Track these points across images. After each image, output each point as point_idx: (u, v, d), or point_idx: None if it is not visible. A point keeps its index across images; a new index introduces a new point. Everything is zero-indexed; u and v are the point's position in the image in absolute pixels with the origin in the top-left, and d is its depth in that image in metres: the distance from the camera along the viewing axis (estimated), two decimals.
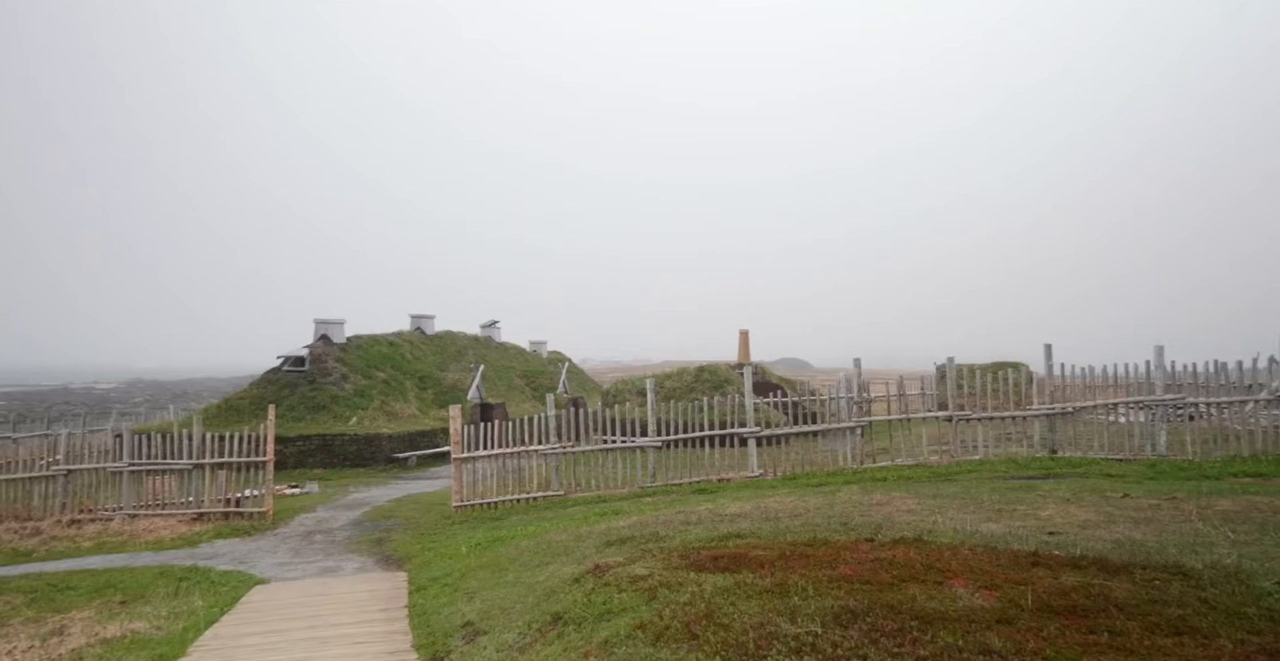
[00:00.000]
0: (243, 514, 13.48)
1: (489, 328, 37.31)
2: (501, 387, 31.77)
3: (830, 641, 3.92)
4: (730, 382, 22.78)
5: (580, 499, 12.78)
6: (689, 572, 5.63)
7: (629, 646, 4.37)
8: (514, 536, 9.93)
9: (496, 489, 13.28)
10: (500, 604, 6.56)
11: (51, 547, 12.26)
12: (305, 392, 24.41)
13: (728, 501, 10.08)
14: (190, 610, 7.75)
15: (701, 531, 7.64)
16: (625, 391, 24.01)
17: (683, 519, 8.63)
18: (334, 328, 26.74)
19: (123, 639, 6.74)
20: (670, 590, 5.18)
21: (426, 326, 32.48)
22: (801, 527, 7.25)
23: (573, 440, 13.47)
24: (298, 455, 21.15)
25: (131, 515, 13.59)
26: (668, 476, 13.27)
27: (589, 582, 5.98)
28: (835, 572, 5.21)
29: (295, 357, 25.57)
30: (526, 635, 5.42)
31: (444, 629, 6.42)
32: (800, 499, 9.44)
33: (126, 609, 7.99)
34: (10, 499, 14.28)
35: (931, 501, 8.43)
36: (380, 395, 25.24)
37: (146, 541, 12.27)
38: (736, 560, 5.81)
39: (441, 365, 30.18)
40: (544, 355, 39.97)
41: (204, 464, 13.71)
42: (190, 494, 13.79)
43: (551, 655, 4.77)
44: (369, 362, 26.58)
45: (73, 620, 7.65)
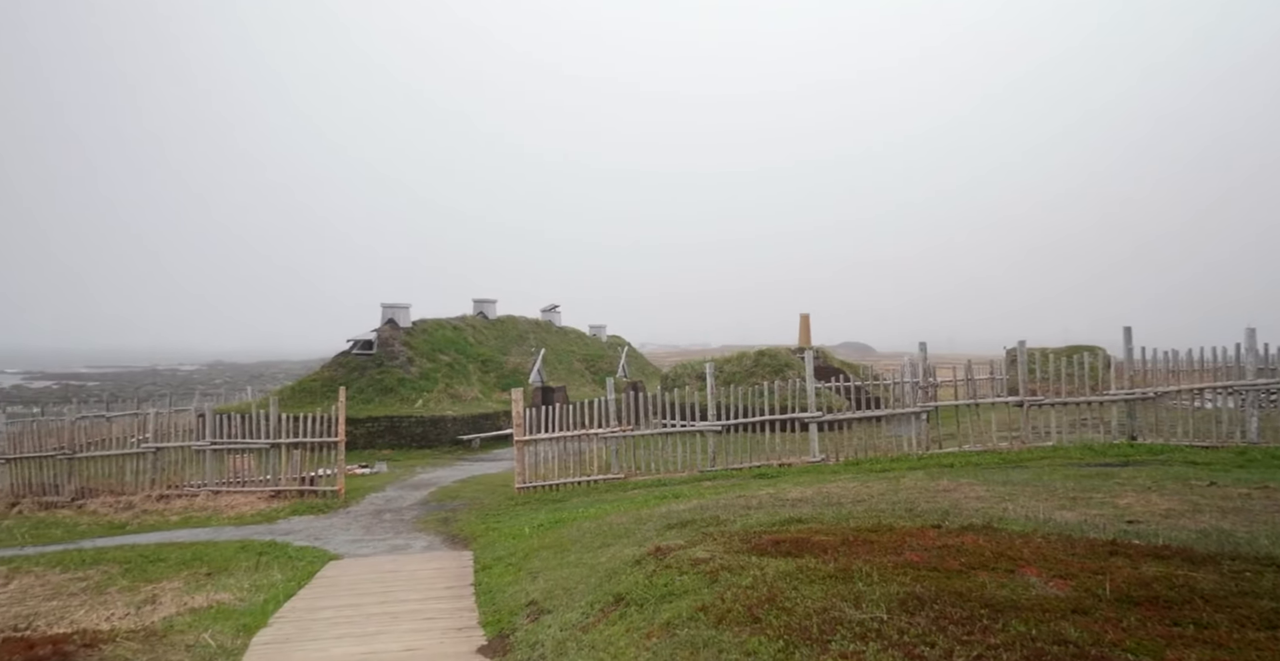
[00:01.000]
0: (316, 492, 13.98)
1: (549, 312, 37.69)
2: (562, 371, 32.12)
3: (896, 627, 3.85)
4: (791, 367, 22.52)
5: (640, 482, 12.85)
6: (750, 556, 5.60)
7: (691, 628, 4.37)
8: (575, 518, 10.05)
9: (558, 471, 13.45)
10: (563, 584, 6.65)
11: (143, 521, 12.95)
12: (373, 375, 25.13)
13: (789, 486, 9.99)
14: (270, 583, 8.08)
15: (763, 515, 7.59)
16: (684, 375, 23.99)
17: (743, 503, 8.59)
18: (400, 312, 27.38)
19: (209, 608, 7.07)
20: (732, 573, 5.16)
21: (488, 311, 33.00)
22: (865, 513, 7.13)
23: (632, 424, 13.53)
24: (367, 436, 21.81)
25: (215, 491, 14.24)
26: (727, 460, 13.22)
27: (650, 565, 6.01)
28: (900, 559, 5.10)
29: (364, 341, 26.31)
30: (589, 615, 5.48)
31: (509, 607, 6.55)
32: (863, 484, 9.29)
33: (212, 580, 8.39)
34: (105, 474, 15.12)
35: (1001, 488, 8.19)
36: (444, 378, 25.80)
37: (229, 517, 12.84)
38: (799, 545, 5.75)
39: (503, 349, 30.67)
40: (603, 339, 40.22)
41: (280, 443, 14.26)
42: (268, 472, 14.37)
43: (614, 635, 4.82)
44: (434, 346, 27.18)
45: (163, 590, 8.06)
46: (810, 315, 29.13)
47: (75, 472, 15.02)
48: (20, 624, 6.76)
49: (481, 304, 33.03)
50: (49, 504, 14.58)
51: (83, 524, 13.02)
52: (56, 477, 15.11)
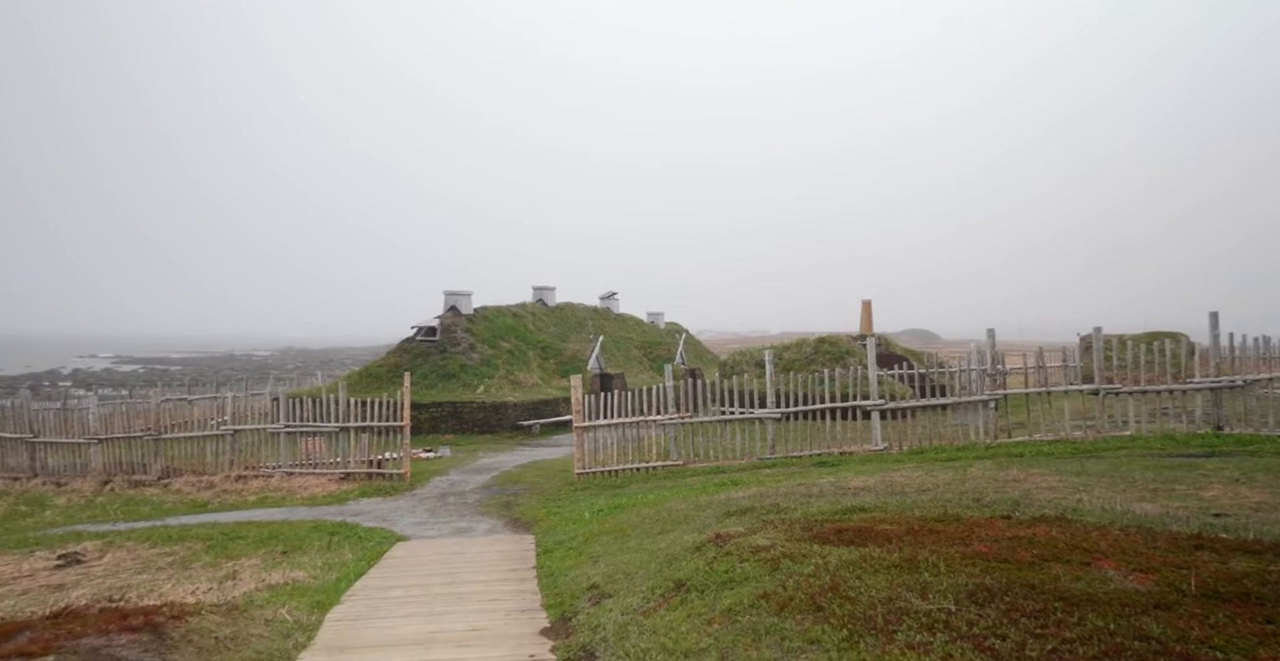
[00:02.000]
0: (384, 475, 14.40)
1: (608, 299, 37.87)
2: (620, 358, 32.27)
3: (965, 619, 3.75)
4: (852, 354, 22.14)
5: (698, 469, 12.84)
6: (812, 545, 5.54)
7: (752, 615, 4.36)
8: (635, 504, 10.10)
9: (617, 457, 13.54)
10: (623, 568, 6.70)
11: (223, 500, 13.56)
12: (437, 361, 25.69)
13: (850, 474, 9.84)
14: (341, 562, 8.36)
15: (824, 504, 7.50)
16: (743, 362, 23.82)
17: (804, 491, 8.50)
18: (462, 299, 27.88)
19: (285, 586, 7.35)
20: (793, 561, 5.12)
21: (548, 298, 33.34)
22: (930, 503, 6.98)
23: (690, 411, 13.51)
24: (431, 421, 22.34)
25: (288, 473, 14.80)
26: (787, 448, 13.10)
27: (710, 551, 6.00)
28: (968, 549, 4.98)
29: (427, 328, 26.90)
30: (650, 600, 5.51)
31: (571, 590, 6.64)
32: (928, 473, 9.09)
33: (287, 558, 8.72)
34: (188, 455, 15.86)
35: (1075, 478, 7.91)
36: (505, 364, 26.21)
37: (301, 497, 13.34)
38: (862, 533, 5.67)
39: (562, 336, 30.97)
40: (661, 326, 40.23)
41: (349, 427, 14.71)
42: (337, 454, 14.85)
43: (675, 620, 4.83)
44: (495, 333, 27.61)
45: (243, 566, 8.42)
46: (872, 301, 28.57)
47: (161, 453, 15.79)
48: (114, 595, 7.15)
49: (541, 291, 33.38)
50: (137, 482, 15.36)
51: (168, 502, 13.70)
52: (144, 457, 15.91)
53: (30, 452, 16.53)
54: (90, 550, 9.53)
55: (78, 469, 16.14)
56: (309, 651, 5.60)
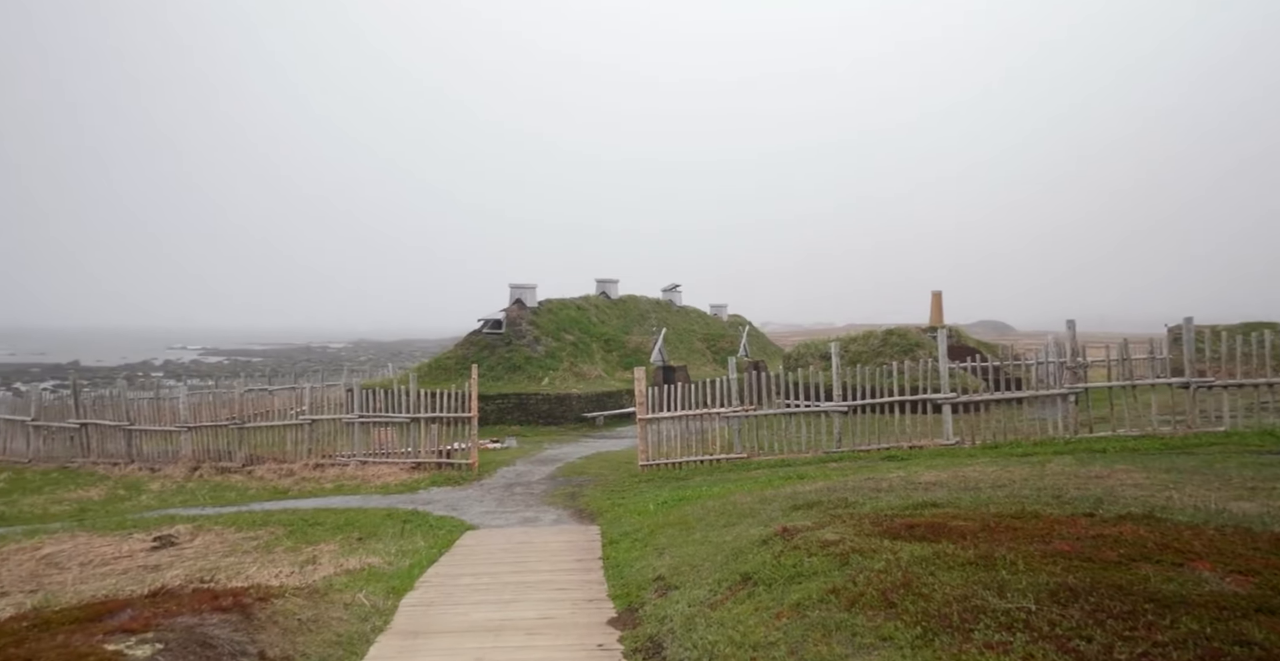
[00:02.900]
0: (453, 464, 14.74)
1: (670, 291, 37.84)
2: (683, 351, 32.24)
3: (1046, 619, 3.62)
4: (921, 346, 21.59)
5: (763, 462, 12.74)
6: (882, 540, 5.44)
7: (822, 610, 4.30)
8: (699, 496, 10.09)
9: (680, 449, 13.54)
10: (689, 560, 6.70)
11: (302, 487, 14.10)
12: (503, 353, 26.13)
13: (921, 469, 9.61)
14: (414, 549, 8.59)
15: (894, 499, 7.34)
16: (808, 355, 23.49)
17: (872, 485, 8.35)
18: (527, 292, 28.26)
19: (362, 571, 7.60)
20: (863, 556, 5.03)
21: (611, 291, 33.51)
22: (1006, 499, 6.76)
23: (755, 403, 13.40)
24: (497, 412, 22.76)
25: (362, 461, 15.28)
26: (854, 442, 12.88)
27: (777, 545, 5.95)
28: (1048, 547, 4.80)
29: (493, 320, 27.38)
30: (717, 592, 5.50)
31: (637, 581, 6.68)
32: (1004, 469, 8.80)
33: (363, 545, 9.00)
34: (269, 443, 16.54)
35: (1164, 475, 7.54)
36: (569, 357, 26.48)
37: (375, 486, 13.76)
38: (934, 529, 5.53)
39: (625, 328, 31.09)
40: (724, 319, 40.00)
41: (419, 418, 15.10)
42: (408, 444, 15.27)
43: (743, 614, 4.81)
44: (559, 325, 27.92)
45: (322, 551, 8.73)
46: (943, 292, 27.79)
47: (245, 441, 16.51)
48: (205, 576, 7.53)
49: (604, 284, 33.57)
50: (223, 468, 16.11)
51: (252, 488, 14.32)
52: (229, 445, 16.66)
53: (127, 439, 17.49)
54: (182, 533, 10.04)
55: (169, 455, 17.00)
56: (386, 635, 5.78)
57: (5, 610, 6.87)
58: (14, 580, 8.25)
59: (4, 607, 7.03)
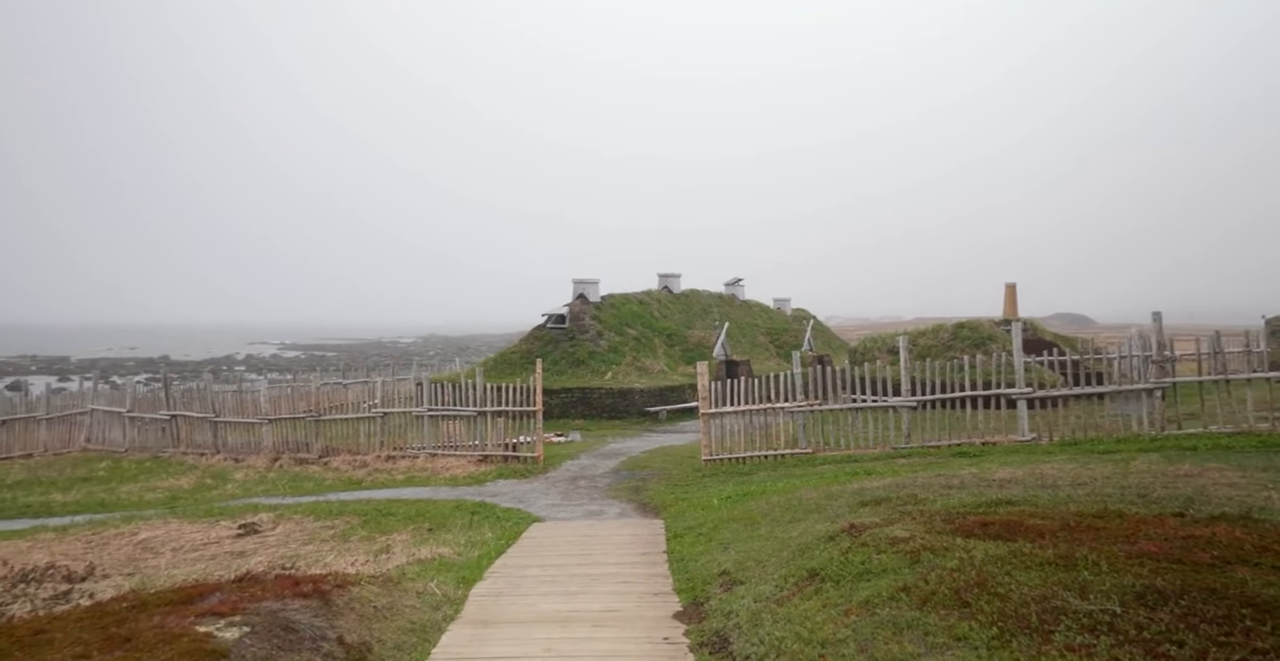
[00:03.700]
0: (518, 457, 14.98)
1: (733, 285, 37.59)
2: (745, 345, 32.01)
3: (1133, 622, 3.47)
4: (994, 340, 20.91)
5: (829, 457, 12.55)
6: (955, 537, 5.30)
7: (892, 608, 4.22)
8: (763, 491, 10.01)
9: (744, 444, 13.45)
10: (754, 556, 6.66)
11: (375, 478, 14.54)
12: (566, 348, 26.41)
13: (994, 466, 9.32)
14: (482, 540, 8.77)
15: (966, 496, 7.15)
16: (874, 349, 23.03)
17: (943, 482, 8.14)
18: (590, 287, 28.47)
19: (433, 560, 7.81)
20: (935, 554, 4.91)
21: (673, 285, 33.48)
22: (1087, 497, 6.49)
23: (819, 398, 13.21)
24: (561, 406, 23.02)
25: (432, 454, 15.67)
26: (923, 437, 12.57)
27: (844, 541, 5.86)
28: (1134, 548, 4.60)
29: (557, 315, 27.68)
30: (783, 588, 5.45)
31: (702, 576, 6.67)
32: (1083, 466, 8.46)
33: (433, 535, 9.24)
34: (344, 435, 17.11)
35: (1262, 474, 7.13)
36: (632, 351, 26.59)
37: (444, 478, 14.09)
38: (1010, 528, 5.36)
39: (687, 322, 31.04)
40: (788, 313, 39.54)
41: (485, 411, 15.39)
42: (475, 437, 15.58)
43: (810, 610, 4.76)
44: (621, 320, 28.05)
45: (394, 541, 9.00)
46: (1016, 284, 26.84)
47: (321, 433, 17.12)
48: (287, 563, 7.86)
49: (666, 278, 33.56)
50: (301, 459, 16.74)
51: (328, 478, 14.85)
52: (306, 437, 17.30)
53: (213, 430, 18.35)
54: (265, 521, 10.48)
55: (252, 446, 17.77)
56: (457, 623, 5.92)
57: (107, 591, 7.31)
58: (114, 563, 8.76)
59: (106, 589, 7.48)
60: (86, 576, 8.12)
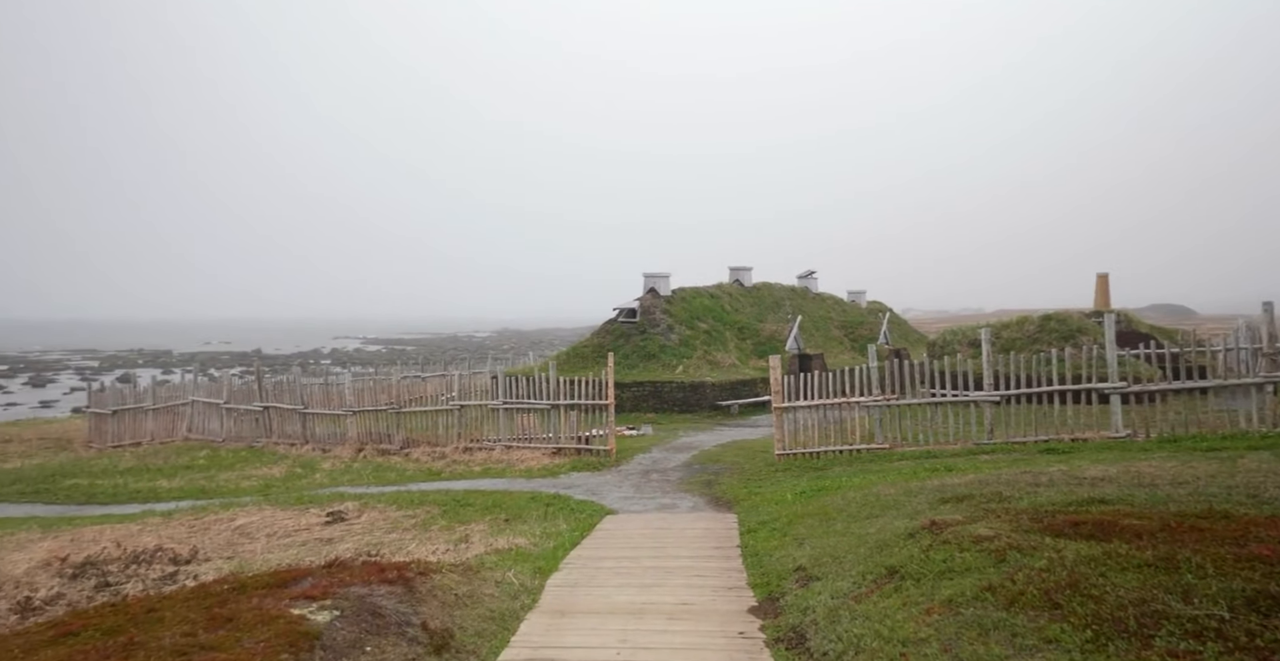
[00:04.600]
0: (591, 450, 15.14)
1: (805, 278, 37.03)
2: (819, 338, 31.50)
3: (1243, 629, 3.27)
4: (1084, 332, 19.97)
5: (906, 453, 12.24)
6: (1043, 537, 5.10)
7: (977, 608, 4.09)
8: (839, 486, 9.85)
9: (818, 439, 13.25)
10: (831, 552, 6.56)
11: (453, 469, 14.94)
12: (637, 342, 26.53)
13: (1085, 463, 8.92)
14: (557, 532, 8.90)
15: (1055, 494, 6.86)
16: (954, 342, 22.31)
17: (1030, 479, 7.83)
18: (660, 281, 28.51)
19: (510, 551, 7.98)
20: (1022, 554, 4.73)
21: (744, 278, 33.21)
22: (1189, 497, 6.14)
23: (896, 392, 12.89)
24: (632, 400, 23.15)
25: (507, 446, 16.00)
26: (1007, 433, 12.12)
27: (925, 539, 5.71)
28: (1244, 550, 4.32)
29: (628, 310, 27.83)
30: (861, 585, 5.35)
31: (777, 571, 6.61)
32: (1185, 464, 8.00)
33: (510, 526, 9.44)
34: (423, 427, 17.63)
35: None
36: (703, 345, 26.51)
37: (519, 470, 14.36)
38: (1104, 527, 5.11)
39: (759, 316, 30.74)
40: (863, 305, 38.71)
41: (559, 405, 15.61)
42: (549, 430, 15.82)
43: (890, 608, 4.66)
44: (692, 314, 28.00)
45: (472, 531, 9.24)
46: (1109, 275, 25.57)
47: (401, 424, 17.68)
48: (372, 550, 8.17)
49: (737, 271, 33.32)
50: (383, 450, 17.33)
51: (409, 469, 15.34)
52: (388, 428, 17.90)
53: (302, 421, 19.18)
54: (351, 509, 10.91)
55: (337, 437, 18.50)
56: (534, 613, 6.04)
57: (209, 573, 7.75)
58: (214, 547, 9.27)
59: (208, 571, 7.93)
60: (190, 559, 8.62)
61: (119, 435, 21.74)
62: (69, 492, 14.72)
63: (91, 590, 7.62)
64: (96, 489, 14.89)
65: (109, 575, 8.07)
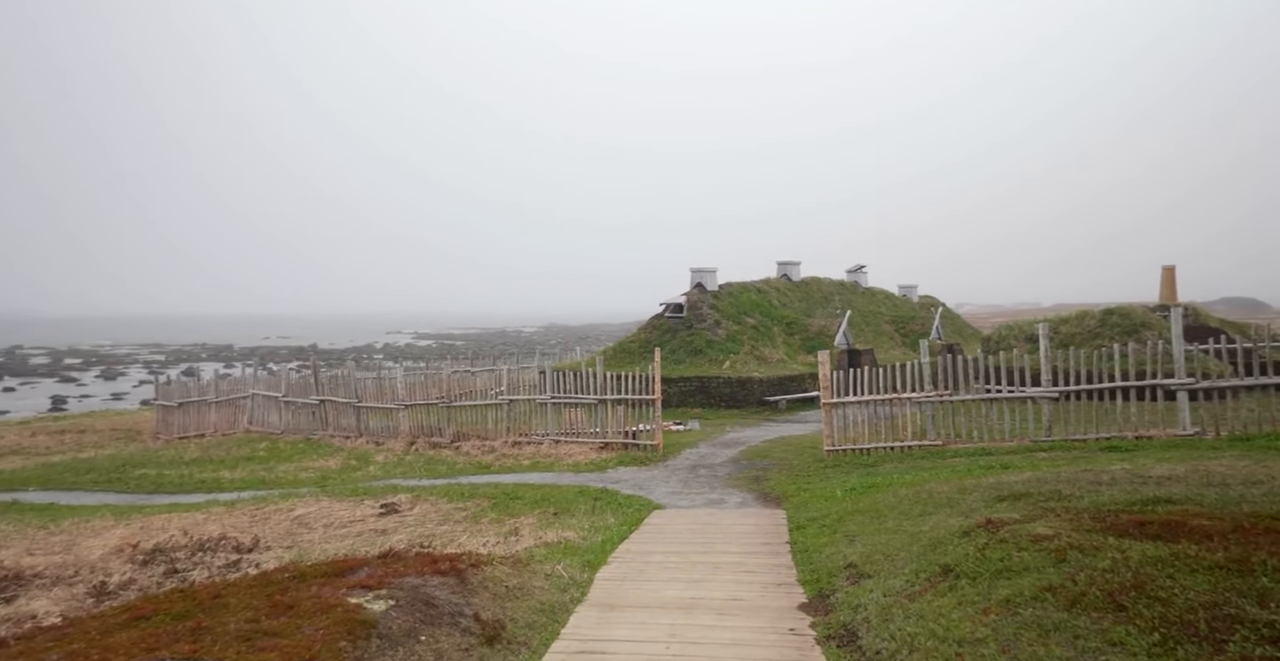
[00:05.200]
0: (638, 445, 15.17)
1: (855, 272, 36.49)
2: (869, 333, 31.01)
3: None
4: (1148, 327, 19.26)
5: (960, 450, 11.98)
6: (1106, 537, 4.94)
7: (1036, 608, 3.99)
8: (889, 483, 9.69)
9: (868, 435, 13.06)
10: (882, 549, 6.47)
11: (502, 463, 15.13)
12: (684, 337, 26.48)
13: (1150, 462, 8.61)
14: (605, 526, 8.95)
15: (1117, 493, 6.64)
16: (1010, 337, 21.74)
17: (1091, 478, 7.59)
18: (707, 276, 28.39)
19: (559, 544, 8.05)
20: (1084, 554, 4.59)
21: (792, 273, 32.87)
22: (1264, 497, 5.88)
23: (949, 388, 12.62)
24: (679, 395, 23.13)
25: (555, 440, 16.13)
26: (1066, 430, 11.77)
27: (980, 537, 5.58)
28: None
29: (674, 305, 27.78)
30: (915, 583, 5.26)
31: (827, 568, 6.54)
32: (1258, 463, 7.67)
33: (558, 519, 9.52)
34: (473, 421, 17.90)
35: None
36: (750, 340, 26.33)
37: (567, 464, 14.47)
38: (1171, 528, 4.93)
39: (807, 311, 30.41)
40: (914, 300, 37.98)
41: (606, 399, 15.68)
42: (596, 425, 15.91)
43: (944, 607, 4.57)
44: (739, 309, 27.82)
45: (522, 524, 9.34)
46: (1175, 267, 24.61)
47: (452, 418, 17.97)
48: (424, 542, 8.33)
49: (785, 266, 32.99)
50: (435, 444, 17.64)
51: (460, 462, 15.59)
52: (439, 422, 18.22)
53: (356, 415, 19.65)
54: (403, 501, 11.14)
55: (390, 430, 18.90)
56: (583, 606, 6.08)
57: (270, 562, 7.99)
58: (275, 536, 9.56)
59: (269, 560, 8.18)
60: (253, 547, 8.91)
61: (184, 427, 22.55)
62: (139, 482, 15.34)
63: (161, 576, 7.93)
64: (164, 478, 15.48)
65: (177, 562, 8.39)
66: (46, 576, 8.01)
